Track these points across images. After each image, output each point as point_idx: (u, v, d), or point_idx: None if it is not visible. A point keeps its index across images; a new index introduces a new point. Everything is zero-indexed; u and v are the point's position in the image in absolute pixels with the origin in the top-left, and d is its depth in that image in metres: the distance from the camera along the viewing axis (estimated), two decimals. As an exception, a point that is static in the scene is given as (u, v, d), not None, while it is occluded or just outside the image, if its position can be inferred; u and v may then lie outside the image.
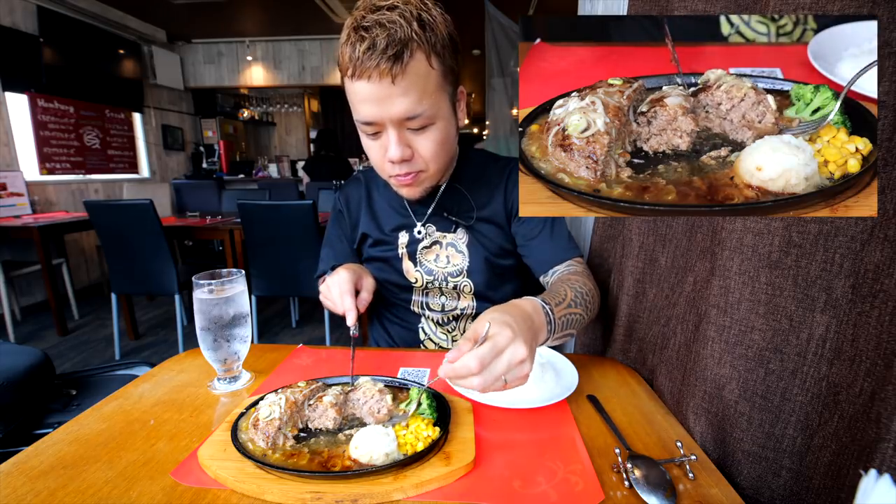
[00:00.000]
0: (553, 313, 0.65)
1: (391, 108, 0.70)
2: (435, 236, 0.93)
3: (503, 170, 0.94)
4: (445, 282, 0.94)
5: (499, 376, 0.53)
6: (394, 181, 0.83)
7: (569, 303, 0.71)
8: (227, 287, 0.70)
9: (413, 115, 0.71)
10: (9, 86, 3.66)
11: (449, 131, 0.79)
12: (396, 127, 0.73)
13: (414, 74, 0.69)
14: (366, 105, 0.71)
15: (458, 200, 0.92)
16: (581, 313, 0.73)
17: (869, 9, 0.43)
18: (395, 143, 0.74)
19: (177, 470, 0.51)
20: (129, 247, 2.49)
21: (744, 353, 0.54)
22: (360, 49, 0.67)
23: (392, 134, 0.73)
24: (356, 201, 1.02)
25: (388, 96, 0.69)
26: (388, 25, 0.67)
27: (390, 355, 0.82)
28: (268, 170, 6.59)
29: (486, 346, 0.52)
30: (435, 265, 0.93)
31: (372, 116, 0.72)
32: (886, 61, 0.42)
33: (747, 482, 0.55)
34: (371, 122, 0.73)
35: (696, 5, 0.62)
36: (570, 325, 0.69)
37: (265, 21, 5.18)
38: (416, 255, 0.94)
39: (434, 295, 0.96)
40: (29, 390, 0.91)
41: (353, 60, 0.68)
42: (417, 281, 0.95)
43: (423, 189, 0.84)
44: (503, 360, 0.53)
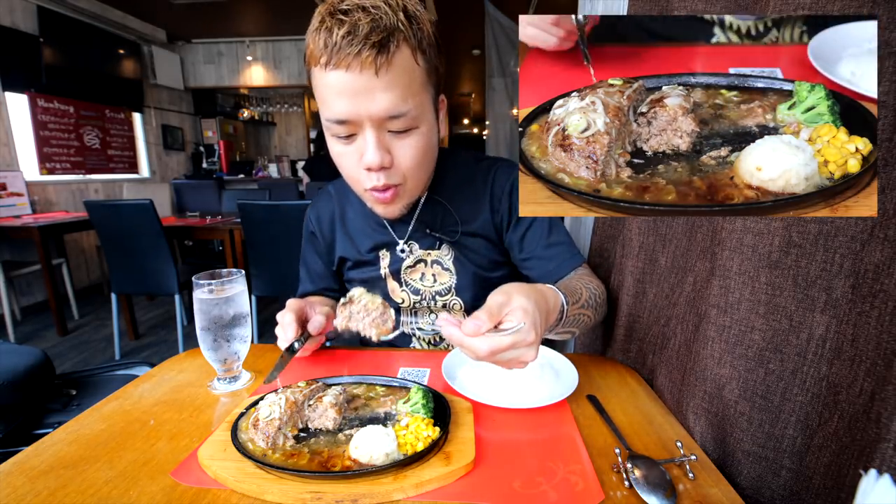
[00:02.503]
0: (567, 312, 0.63)
1: (372, 105, 0.61)
2: (418, 254, 0.86)
3: (486, 174, 0.85)
4: (434, 301, 0.87)
5: (498, 361, 0.54)
6: (369, 196, 0.73)
7: (583, 303, 0.69)
8: (227, 287, 0.70)
9: (396, 114, 0.63)
10: (9, 86, 3.66)
11: (432, 140, 0.72)
12: (376, 127, 0.64)
13: (399, 68, 0.61)
14: (341, 99, 0.62)
15: (439, 214, 0.84)
16: (590, 315, 0.71)
17: (869, 9, 0.43)
18: (373, 146, 0.64)
19: (177, 470, 0.51)
20: (129, 247, 2.49)
21: (744, 353, 0.54)
22: (339, 33, 0.58)
23: (370, 135, 0.64)
24: (328, 221, 0.93)
25: (369, 90, 0.60)
26: (373, 10, 0.59)
27: (390, 355, 0.82)
28: (268, 170, 6.59)
29: (506, 341, 0.51)
30: (421, 284, 0.87)
31: (348, 113, 0.62)
32: (886, 61, 0.42)
33: (747, 482, 0.55)
34: (346, 121, 0.64)
35: (695, 5, 0.62)
36: (575, 324, 0.68)
37: (265, 21, 5.18)
38: (401, 274, 0.87)
39: (423, 314, 0.90)
40: (29, 390, 0.91)
41: (328, 46, 0.59)
42: (404, 301, 0.89)
43: (402, 206, 0.76)
44: (510, 355, 0.53)
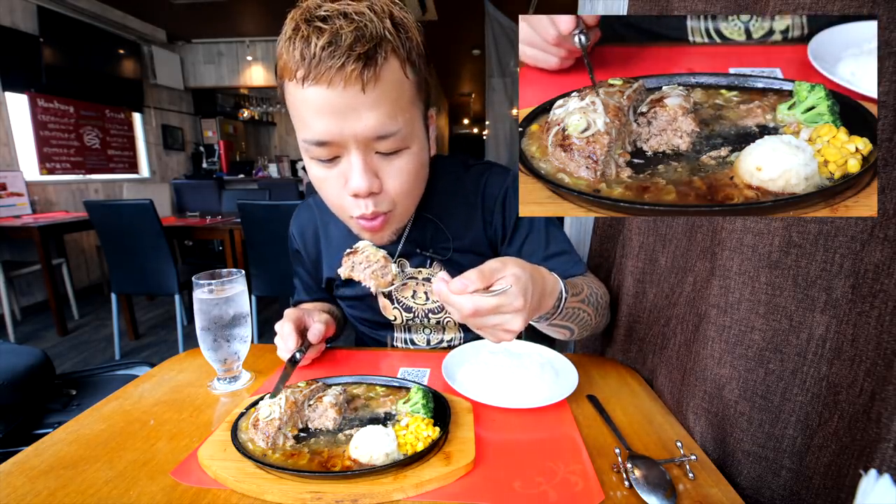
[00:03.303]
0: (565, 301, 0.61)
1: (357, 124, 0.55)
2: (409, 272, 0.81)
3: (477, 183, 0.79)
4: (427, 318, 0.84)
5: (479, 327, 0.52)
6: (355, 224, 0.66)
7: (583, 298, 0.66)
8: (227, 287, 0.70)
9: (385, 134, 0.57)
10: (9, 86, 3.66)
11: (423, 159, 0.65)
12: (362, 149, 0.58)
13: (388, 82, 0.55)
14: (322, 119, 0.55)
15: (429, 232, 0.79)
16: (590, 314, 0.69)
17: (869, 9, 0.43)
18: (360, 170, 0.58)
19: (177, 470, 0.51)
20: (129, 247, 2.50)
21: (744, 353, 0.54)
22: (318, 44, 0.51)
23: (356, 158, 0.58)
24: (311, 238, 0.88)
25: (353, 108, 0.54)
26: (356, 17, 0.52)
27: (390, 355, 0.82)
28: (268, 170, 6.59)
29: (491, 302, 0.49)
30: (413, 302, 0.83)
31: (330, 134, 0.56)
32: (886, 61, 0.42)
33: (747, 482, 0.55)
34: (327, 143, 0.57)
35: (696, 5, 0.62)
36: (574, 319, 0.66)
37: (265, 21, 5.18)
38: (392, 293, 0.83)
39: (417, 330, 0.87)
40: (29, 390, 0.91)
41: (305, 59, 0.52)
42: (397, 319, 0.85)
43: (392, 232, 0.71)
44: (495, 320, 0.50)
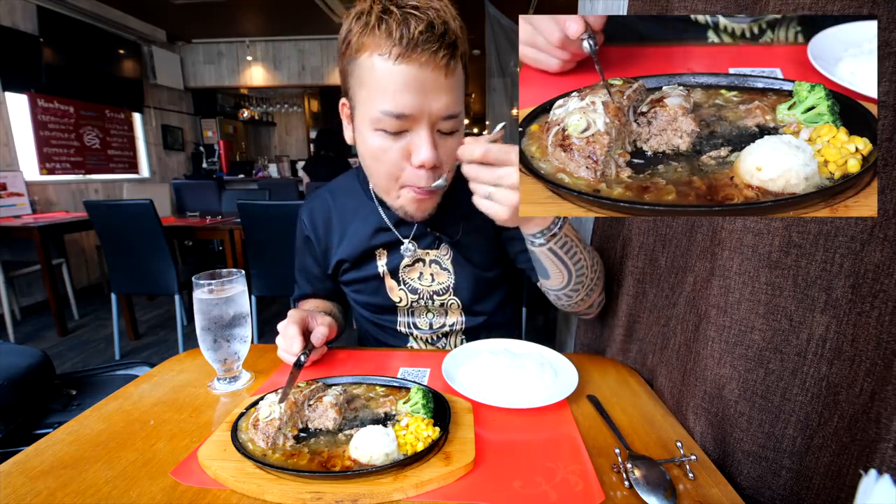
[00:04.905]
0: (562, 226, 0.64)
1: (435, 103, 0.63)
2: (417, 254, 0.85)
3: None
4: (431, 300, 0.87)
5: (485, 181, 0.57)
6: (408, 193, 0.72)
7: (580, 238, 0.70)
8: (227, 287, 0.70)
9: (452, 114, 0.65)
10: (9, 86, 3.66)
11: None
12: (431, 126, 0.65)
13: (459, 72, 0.65)
14: (407, 94, 0.61)
15: (443, 213, 0.82)
16: (586, 259, 0.71)
17: (869, 9, 0.43)
18: (429, 143, 0.65)
19: (177, 470, 0.51)
20: (129, 247, 2.49)
21: (744, 353, 0.54)
22: (416, 28, 0.58)
23: (425, 134, 0.65)
24: (323, 224, 0.92)
25: (436, 89, 0.62)
26: (442, 12, 0.60)
27: (390, 355, 0.82)
28: (268, 170, 6.59)
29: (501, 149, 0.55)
30: (419, 283, 0.87)
31: (412, 108, 0.62)
32: (886, 61, 0.42)
33: (747, 482, 0.55)
34: (405, 116, 0.63)
35: (696, 5, 0.62)
36: (570, 253, 0.68)
37: (265, 21, 5.19)
38: (399, 273, 0.87)
39: (420, 314, 0.90)
40: (29, 390, 0.91)
41: (404, 38, 0.58)
42: (402, 301, 0.89)
43: (433, 206, 0.76)
44: (499, 172, 0.56)
